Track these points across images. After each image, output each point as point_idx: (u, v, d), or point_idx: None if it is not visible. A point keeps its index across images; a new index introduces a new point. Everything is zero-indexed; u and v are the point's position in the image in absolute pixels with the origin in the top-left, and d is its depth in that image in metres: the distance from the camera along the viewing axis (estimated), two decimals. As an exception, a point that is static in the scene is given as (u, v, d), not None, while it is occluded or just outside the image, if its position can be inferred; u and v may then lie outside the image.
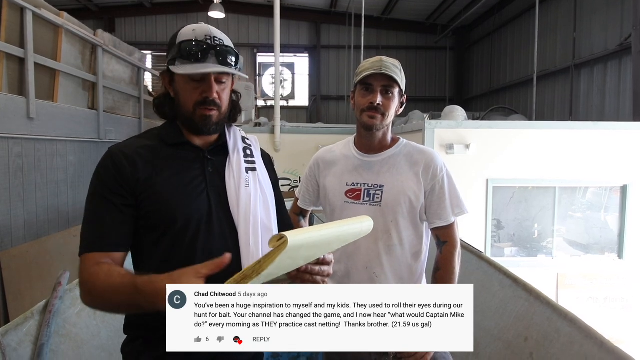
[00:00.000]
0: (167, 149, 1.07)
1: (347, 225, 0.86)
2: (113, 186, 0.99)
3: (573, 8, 7.61)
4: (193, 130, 1.09)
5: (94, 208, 1.00)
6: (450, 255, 1.43)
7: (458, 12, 10.83)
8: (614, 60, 6.75)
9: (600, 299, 4.28)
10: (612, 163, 4.26)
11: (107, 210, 0.99)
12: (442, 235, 1.44)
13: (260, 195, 1.13)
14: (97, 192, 1.00)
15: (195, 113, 1.05)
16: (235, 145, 1.15)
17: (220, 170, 1.10)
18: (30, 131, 3.65)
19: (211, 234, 1.04)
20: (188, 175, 1.06)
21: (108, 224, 0.98)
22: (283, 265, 0.77)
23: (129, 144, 1.06)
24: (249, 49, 12.48)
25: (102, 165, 1.02)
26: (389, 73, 1.33)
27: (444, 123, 4.38)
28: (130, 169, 1.00)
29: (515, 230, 4.51)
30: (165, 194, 1.02)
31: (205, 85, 1.03)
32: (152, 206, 1.01)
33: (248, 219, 1.07)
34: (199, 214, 1.03)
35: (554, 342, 1.64)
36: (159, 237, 1.02)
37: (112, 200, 0.99)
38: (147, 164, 1.03)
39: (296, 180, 6.23)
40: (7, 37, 3.48)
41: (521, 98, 9.54)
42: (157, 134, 1.10)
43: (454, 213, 1.41)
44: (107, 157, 1.03)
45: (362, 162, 1.45)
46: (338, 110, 12.74)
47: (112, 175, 1.00)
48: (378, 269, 1.40)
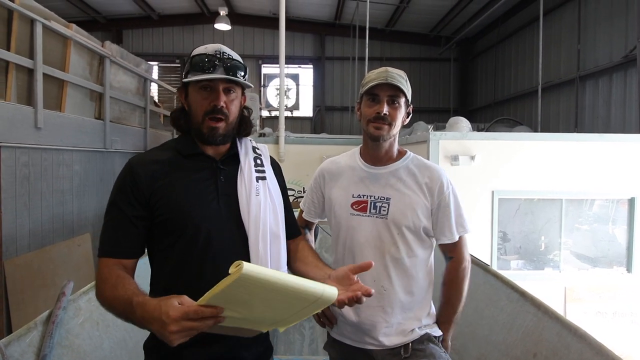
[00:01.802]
0: (182, 160, 1.15)
1: (310, 284, 0.85)
2: (128, 199, 1.08)
3: (577, 20, 7.63)
4: (203, 140, 1.15)
5: (110, 217, 1.09)
6: (455, 271, 1.42)
7: (462, 24, 10.89)
8: (619, 72, 6.74)
9: (608, 314, 4.21)
10: (619, 175, 4.22)
11: (121, 221, 1.08)
12: (448, 251, 1.44)
13: (269, 204, 1.18)
14: (115, 202, 1.09)
15: (204, 124, 1.13)
16: (247, 155, 1.21)
17: (232, 179, 1.16)
18: (38, 141, 3.68)
19: (222, 241, 1.10)
20: (201, 184, 1.13)
21: (121, 234, 1.08)
22: (239, 298, 0.79)
23: (146, 156, 1.15)
24: (254, 60, 12.59)
25: (122, 177, 1.11)
26: (395, 83, 1.33)
27: (448, 134, 4.37)
28: (147, 181, 1.09)
29: (522, 243, 4.46)
30: (178, 203, 1.09)
31: (213, 94, 1.11)
32: (167, 214, 1.08)
33: (258, 227, 1.12)
34: (210, 221, 1.10)
35: (564, 358, 1.60)
36: (172, 243, 1.09)
37: (126, 212, 1.08)
38: (162, 175, 1.10)
39: (300, 190, 6.22)
40: (17, 48, 3.53)
41: (526, 109, 9.52)
42: (173, 146, 1.18)
43: (458, 232, 1.41)
44: (127, 169, 1.11)
45: (369, 173, 1.44)
46: (342, 121, 12.77)
47: (128, 187, 1.08)
48: (386, 282, 1.38)
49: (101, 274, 1.05)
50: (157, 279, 1.15)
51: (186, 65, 1.16)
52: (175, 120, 1.20)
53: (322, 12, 11.64)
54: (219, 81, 1.11)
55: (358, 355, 1.42)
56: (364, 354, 1.42)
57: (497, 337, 2.01)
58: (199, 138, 1.16)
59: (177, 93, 1.20)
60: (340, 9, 11.09)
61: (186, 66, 1.15)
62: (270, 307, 0.86)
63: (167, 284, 1.10)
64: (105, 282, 1.02)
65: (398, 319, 1.38)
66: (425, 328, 1.41)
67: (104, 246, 1.09)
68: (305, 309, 0.89)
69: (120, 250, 1.08)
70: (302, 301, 0.86)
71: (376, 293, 1.37)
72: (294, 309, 0.89)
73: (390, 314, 1.37)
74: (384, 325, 1.38)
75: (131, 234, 1.08)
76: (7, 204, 3.37)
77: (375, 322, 1.38)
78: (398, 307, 1.38)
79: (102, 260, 1.08)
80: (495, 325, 2.05)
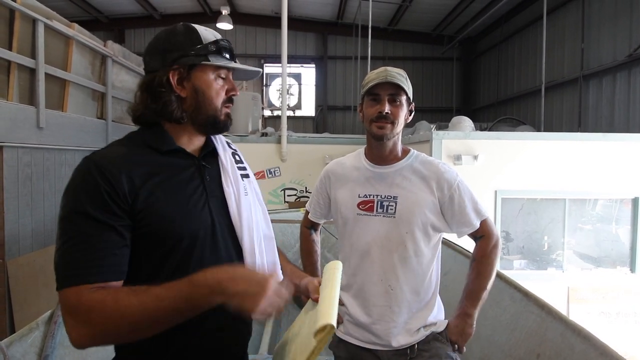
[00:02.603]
0: (160, 158, 0.97)
1: (337, 275, 1.00)
2: (106, 205, 0.85)
3: (581, 19, 7.60)
4: (212, 130, 1.04)
5: (82, 230, 0.83)
6: (487, 246, 1.42)
7: (465, 23, 10.85)
8: (623, 71, 6.70)
9: (612, 314, 4.19)
10: (623, 175, 4.20)
11: (100, 232, 0.84)
12: (477, 232, 1.43)
13: (257, 204, 1.09)
14: (84, 212, 0.83)
15: (222, 111, 1.03)
16: (225, 151, 1.10)
17: (216, 178, 1.04)
18: (40, 140, 3.69)
19: (217, 249, 0.98)
20: (188, 186, 0.98)
21: (104, 248, 0.84)
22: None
23: (113, 153, 0.92)
24: (256, 60, 12.58)
25: (87, 179, 0.86)
26: (394, 81, 1.34)
27: (451, 134, 4.36)
28: (126, 184, 0.87)
29: (525, 243, 4.45)
30: (168, 210, 0.92)
31: (229, 83, 1.04)
32: (155, 225, 0.90)
33: (251, 230, 1.03)
34: (204, 229, 0.96)
35: (568, 359, 1.59)
36: (161, 259, 0.91)
37: (108, 222, 0.85)
38: (144, 176, 0.91)
39: (302, 190, 6.22)
40: (19, 48, 3.53)
41: (529, 109, 9.49)
42: (142, 141, 0.98)
43: (478, 218, 1.41)
44: (94, 169, 0.87)
45: (374, 173, 1.44)
46: (344, 120, 12.76)
47: (103, 192, 0.85)
48: (393, 281, 1.38)
49: (83, 302, 0.79)
50: None
51: (196, 46, 1.00)
52: (166, 107, 0.98)
53: (325, 11, 11.63)
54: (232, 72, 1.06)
55: (364, 355, 1.42)
56: (370, 354, 1.41)
57: (500, 338, 2.00)
58: (205, 128, 1.03)
59: (168, 75, 0.98)
60: (343, 8, 11.08)
61: (198, 48, 0.99)
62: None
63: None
64: (101, 302, 0.79)
65: (405, 318, 1.38)
66: (431, 327, 1.41)
67: (76, 270, 0.81)
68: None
69: (106, 269, 0.83)
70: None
71: (383, 292, 1.38)
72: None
73: (398, 313, 1.37)
74: (391, 325, 1.38)
75: (118, 245, 0.86)
76: (10, 204, 3.38)
77: (382, 322, 1.38)
78: (405, 306, 1.38)
79: (73, 291, 0.80)
80: (499, 325, 2.04)
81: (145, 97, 0.99)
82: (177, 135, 1.01)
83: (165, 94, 0.98)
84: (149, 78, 1.00)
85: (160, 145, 0.98)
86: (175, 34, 1.01)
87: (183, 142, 1.02)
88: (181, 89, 1.00)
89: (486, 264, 1.42)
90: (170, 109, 0.99)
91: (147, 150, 0.96)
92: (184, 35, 1.01)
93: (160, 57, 1.00)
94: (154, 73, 1.00)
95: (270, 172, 6.15)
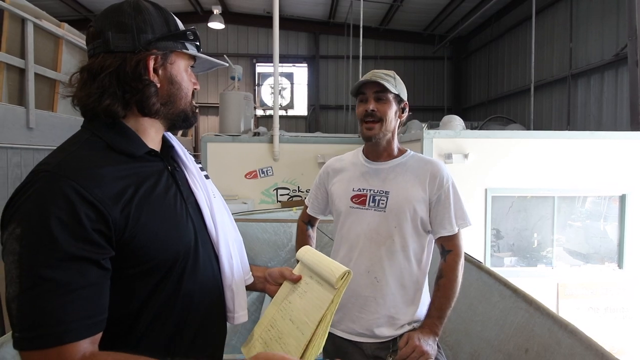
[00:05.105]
0: (135, 165, 0.81)
1: (315, 251, 1.03)
2: (88, 236, 0.69)
3: (569, 18, 7.69)
4: (183, 124, 0.92)
5: (62, 274, 0.66)
6: (455, 263, 1.43)
7: (455, 23, 10.94)
8: (611, 70, 6.80)
9: (600, 309, 4.26)
10: (611, 172, 4.26)
11: (86, 272, 0.68)
12: (446, 244, 1.45)
13: (223, 207, 0.99)
14: (64, 249, 0.66)
15: (192, 104, 0.92)
16: (181, 148, 0.97)
17: (183, 180, 0.91)
18: (30, 141, 3.65)
19: (199, 259, 0.87)
20: (168, 195, 0.83)
21: (92, 293, 0.69)
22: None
23: (88, 165, 0.74)
24: (248, 59, 12.57)
25: (58, 204, 0.68)
26: (379, 80, 1.39)
27: (442, 132, 4.40)
28: (114, 204, 0.72)
29: (515, 240, 4.50)
30: (157, 228, 0.78)
31: (194, 76, 0.94)
32: (145, 247, 0.76)
33: (225, 234, 0.94)
34: (191, 241, 0.85)
35: (555, 353, 1.63)
36: (153, 288, 0.79)
37: (91, 257, 0.69)
38: (128, 193, 0.75)
39: (295, 189, 6.23)
40: (8, 48, 3.50)
41: (519, 107, 9.59)
42: (106, 144, 0.80)
43: (458, 224, 1.42)
44: (70, 190, 0.69)
45: (369, 169, 1.49)
46: (337, 119, 12.78)
47: (84, 216, 0.68)
48: (379, 273, 1.41)
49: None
50: (125, 339, 0.78)
51: (171, 29, 0.86)
52: (149, 99, 0.83)
53: (316, 11, 11.64)
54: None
55: (349, 347, 1.45)
56: (354, 346, 1.44)
57: (489, 334, 2.04)
58: (179, 122, 0.91)
59: (145, 60, 0.82)
60: (334, 8, 11.10)
61: (175, 33, 0.87)
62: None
63: (140, 342, 0.79)
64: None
65: (389, 311, 1.41)
66: (415, 323, 1.43)
67: (70, 325, 0.65)
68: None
69: (97, 320, 0.69)
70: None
71: (369, 284, 1.41)
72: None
73: (382, 305, 1.40)
74: (376, 316, 1.41)
75: (104, 286, 0.71)
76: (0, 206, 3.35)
77: (367, 312, 1.41)
78: (390, 299, 1.41)
79: (63, 351, 0.65)
80: (488, 321, 2.07)
81: (109, 84, 0.80)
82: (143, 134, 0.86)
83: (141, 82, 0.82)
84: (116, 61, 0.80)
85: (134, 148, 0.81)
86: (146, 11, 0.84)
87: (149, 141, 0.86)
88: (156, 78, 0.85)
89: (455, 281, 1.42)
90: (151, 102, 0.84)
91: (118, 157, 0.79)
92: (157, 15, 0.85)
93: (131, 36, 0.81)
94: (120, 54, 0.81)
95: (262, 172, 6.15)
